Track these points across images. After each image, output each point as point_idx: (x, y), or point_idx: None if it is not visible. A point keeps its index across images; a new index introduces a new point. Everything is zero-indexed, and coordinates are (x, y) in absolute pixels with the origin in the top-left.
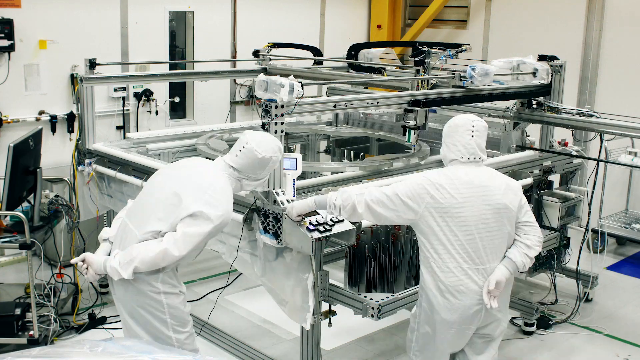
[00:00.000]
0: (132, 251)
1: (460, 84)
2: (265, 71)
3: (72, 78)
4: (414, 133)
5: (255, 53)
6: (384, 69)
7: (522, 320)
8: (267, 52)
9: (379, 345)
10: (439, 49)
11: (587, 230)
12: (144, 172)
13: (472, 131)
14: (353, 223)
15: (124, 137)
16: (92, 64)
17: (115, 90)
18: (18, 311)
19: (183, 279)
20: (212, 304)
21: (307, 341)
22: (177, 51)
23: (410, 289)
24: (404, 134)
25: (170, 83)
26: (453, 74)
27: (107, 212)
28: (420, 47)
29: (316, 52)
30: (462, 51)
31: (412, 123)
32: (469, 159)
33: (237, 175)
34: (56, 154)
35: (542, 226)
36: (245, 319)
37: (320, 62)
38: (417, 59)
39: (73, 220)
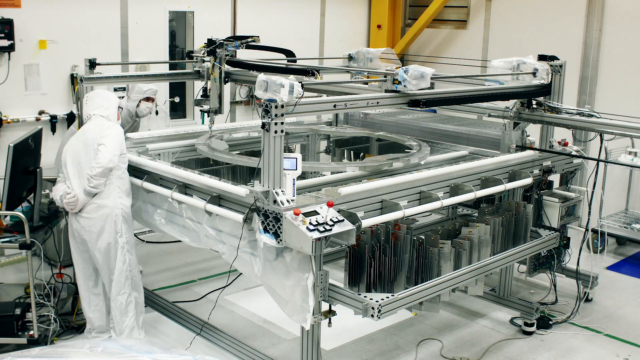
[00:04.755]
0: None
1: (393, 88)
2: (198, 74)
3: (72, 78)
4: (208, 116)
5: (189, 55)
6: (317, 71)
7: (522, 320)
8: (203, 54)
9: (379, 345)
10: (228, 40)
11: (587, 230)
12: (144, 172)
13: None
14: (353, 223)
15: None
16: (92, 64)
17: (115, 90)
18: (18, 311)
19: (183, 279)
20: (212, 304)
21: (307, 341)
22: (177, 51)
23: (410, 288)
24: (202, 117)
25: (170, 83)
26: (385, 77)
27: None
28: (212, 39)
29: (289, 54)
30: (251, 41)
31: (205, 107)
32: None
33: None
34: (56, 154)
35: (542, 226)
36: (245, 319)
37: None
38: (209, 49)
39: None
